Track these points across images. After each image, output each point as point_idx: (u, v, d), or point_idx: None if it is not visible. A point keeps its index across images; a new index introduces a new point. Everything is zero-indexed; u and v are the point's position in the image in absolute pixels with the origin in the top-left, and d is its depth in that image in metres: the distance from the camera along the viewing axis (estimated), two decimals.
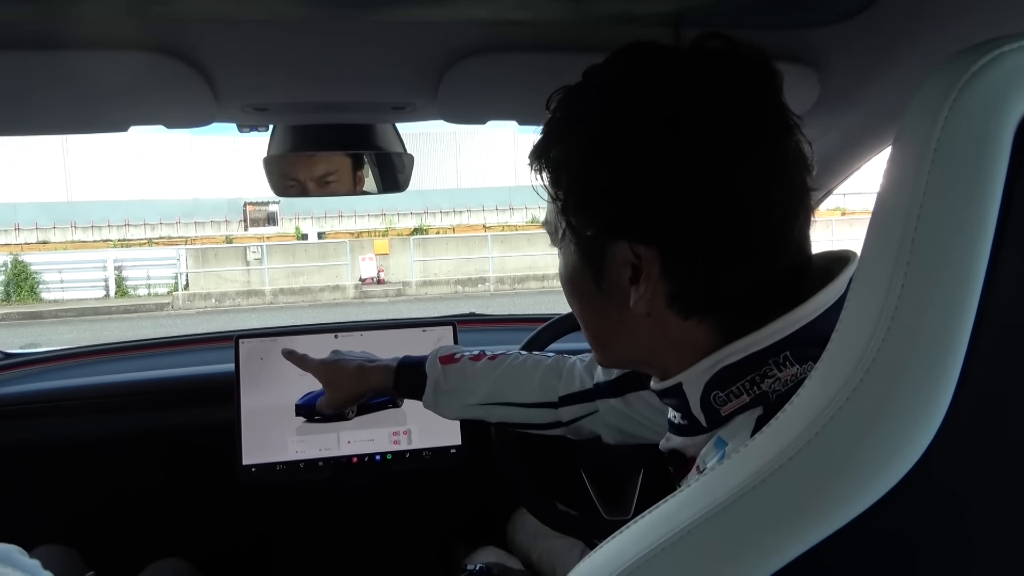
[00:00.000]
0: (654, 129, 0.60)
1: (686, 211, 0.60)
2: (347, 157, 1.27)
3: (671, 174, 0.59)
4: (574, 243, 0.68)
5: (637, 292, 0.63)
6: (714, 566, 0.45)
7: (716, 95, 0.60)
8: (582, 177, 0.64)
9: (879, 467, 0.40)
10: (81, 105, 1.01)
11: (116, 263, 18.35)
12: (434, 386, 1.08)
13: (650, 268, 0.61)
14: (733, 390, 0.62)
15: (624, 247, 0.62)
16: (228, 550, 1.66)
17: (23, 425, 1.59)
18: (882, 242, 0.42)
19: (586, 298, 0.70)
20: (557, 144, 0.67)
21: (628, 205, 0.61)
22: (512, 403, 1.07)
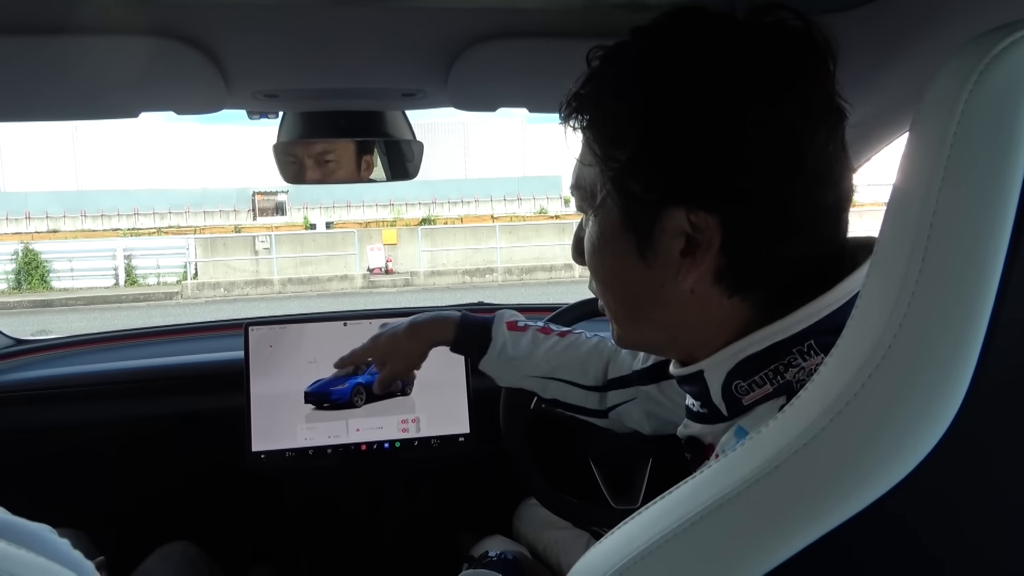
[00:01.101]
0: (729, 91, 0.57)
1: (755, 178, 0.58)
2: (357, 144, 1.26)
3: (743, 138, 0.57)
4: (619, 208, 0.63)
5: (689, 265, 0.60)
6: (728, 552, 0.44)
7: (794, 64, 0.58)
8: (644, 137, 0.60)
9: (895, 453, 0.40)
10: (91, 91, 1.01)
11: (126, 252, 18.43)
12: (500, 350, 1.08)
13: (710, 239, 0.59)
14: (756, 379, 0.61)
15: (680, 215, 0.59)
16: (237, 536, 1.67)
17: (34, 411, 1.60)
18: (899, 230, 0.42)
19: (623, 269, 0.65)
20: (611, 101, 0.63)
21: (693, 169, 0.58)
22: (570, 382, 1.06)
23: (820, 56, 0.60)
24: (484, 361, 1.10)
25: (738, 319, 0.62)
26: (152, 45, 0.88)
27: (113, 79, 0.97)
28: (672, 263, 0.61)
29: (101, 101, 1.04)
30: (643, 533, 0.48)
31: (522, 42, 0.95)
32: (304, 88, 1.09)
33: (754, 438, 0.46)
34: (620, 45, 0.64)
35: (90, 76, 0.96)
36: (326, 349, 1.52)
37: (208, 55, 0.92)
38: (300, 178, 1.24)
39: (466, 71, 1.00)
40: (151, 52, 0.90)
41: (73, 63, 0.92)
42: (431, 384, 1.54)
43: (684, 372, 0.67)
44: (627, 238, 0.63)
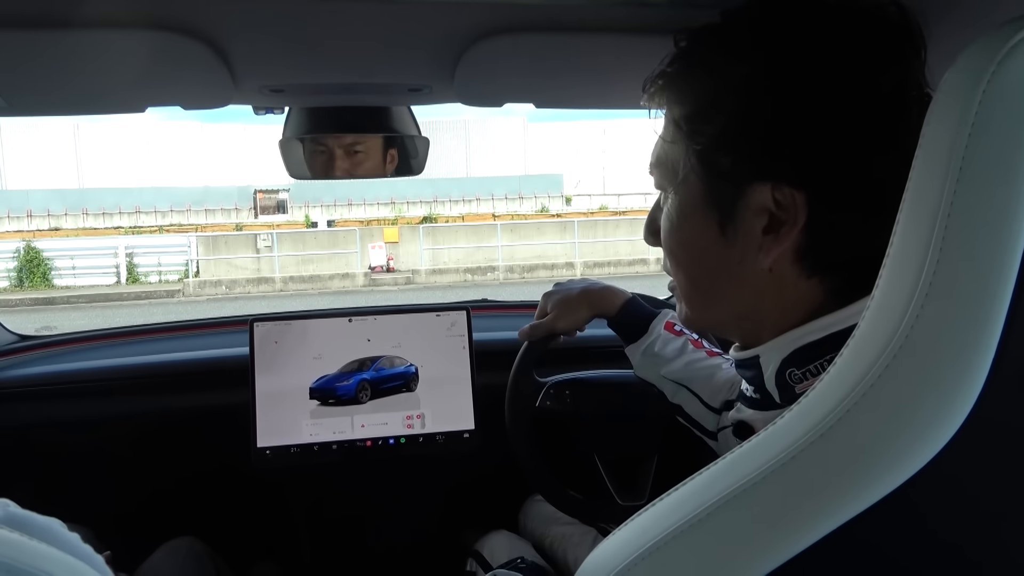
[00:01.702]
0: (824, 68, 0.58)
1: (845, 156, 0.58)
2: (363, 140, 1.26)
3: (835, 115, 0.57)
4: (702, 184, 0.64)
5: (772, 242, 0.60)
6: (746, 541, 0.44)
7: (890, 46, 0.59)
8: (734, 111, 0.61)
9: (915, 441, 0.40)
10: (99, 86, 1.01)
11: (127, 250, 18.45)
12: (649, 344, 1.12)
13: (796, 216, 0.59)
14: (811, 368, 0.61)
15: (765, 191, 0.60)
16: (241, 531, 1.67)
17: (39, 406, 1.60)
18: (916, 219, 0.42)
19: (702, 245, 0.66)
20: (702, 77, 0.64)
21: (782, 144, 0.59)
22: (697, 396, 1.09)
23: (913, 41, 0.60)
24: (631, 347, 1.15)
25: (812, 302, 0.62)
26: (159, 40, 0.88)
27: (120, 74, 0.97)
28: (754, 240, 0.62)
29: (108, 96, 1.05)
30: (659, 523, 0.48)
31: (529, 37, 0.95)
32: (310, 83, 1.08)
33: (771, 428, 0.46)
34: (709, 26, 0.64)
35: (97, 71, 0.96)
36: (331, 345, 1.52)
37: (215, 49, 0.91)
38: (308, 174, 1.24)
39: (473, 66, 0.99)
40: (158, 47, 0.90)
41: (80, 58, 0.92)
42: (436, 380, 1.54)
43: (742, 356, 0.68)
44: (708, 214, 0.64)
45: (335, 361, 1.51)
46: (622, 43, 0.94)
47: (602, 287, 1.21)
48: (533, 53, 0.98)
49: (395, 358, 1.53)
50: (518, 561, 1.32)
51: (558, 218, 22.67)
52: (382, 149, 1.28)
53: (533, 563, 1.33)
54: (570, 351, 1.53)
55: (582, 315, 1.20)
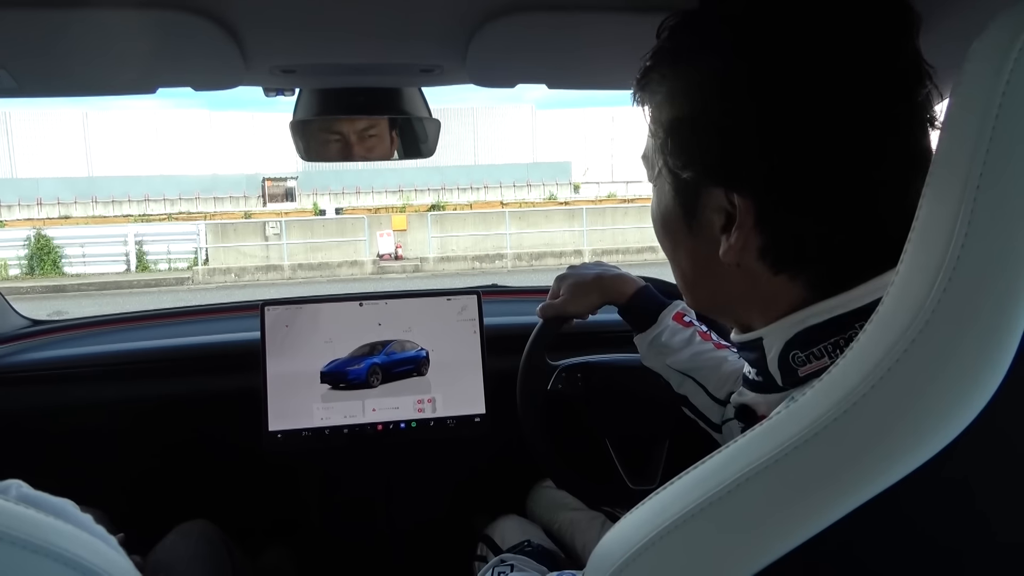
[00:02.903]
0: (775, 74, 0.56)
1: (792, 163, 0.57)
2: (374, 122, 1.26)
3: (783, 122, 0.56)
4: (669, 182, 0.66)
5: (727, 242, 0.61)
6: (764, 521, 0.44)
7: (848, 37, 0.56)
8: (684, 117, 0.62)
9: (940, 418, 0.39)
10: (108, 66, 1.00)
11: (137, 238, 18.54)
12: (657, 334, 1.13)
13: (744, 219, 0.59)
14: (814, 351, 0.61)
15: (719, 194, 0.60)
16: (253, 514, 1.68)
17: (52, 390, 1.61)
18: (943, 195, 0.41)
19: (677, 238, 0.68)
20: (662, 78, 0.64)
21: (729, 151, 0.59)
22: (703, 387, 1.09)
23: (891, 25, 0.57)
24: (640, 337, 1.15)
25: (788, 297, 0.62)
26: (170, 19, 0.87)
27: (131, 54, 0.96)
28: (715, 236, 0.62)
29: (119, 77, 1.04)
30: (675, 503, 0.48)
31: (542, 16, 0.93)
32: (321, 63, 1.07)
33: (791, 407, 0.46)
34: (684, 19, 0.64)
35: (107, 51, 0.95)
36: (342, 329, 1.52)
37: (227, 29, 0.91)
38: (319, 156, 1.24)
39: (485, 46, 0.98)
40: (169, 26, 0.89)
41: (90, 38, 0.91)
42: (447, 365, 1.54)
43: (744, 338, 0.68)
44: (678, 210, 0.66)
45: (346, 345, 1.51)
46: (636, 22, 0.93)
47: (615, 274, 1.20)
48: (546, 32, 0.97)
49: (406, 342, 1.53)
50: (525, 544, 1.32)
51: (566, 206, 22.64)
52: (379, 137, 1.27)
53: (540, 546, 1.33)
54: (582, 335, 1.52)
55: (593, 300, 1.20)
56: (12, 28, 0.87)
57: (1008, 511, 0.45)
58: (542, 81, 1.14)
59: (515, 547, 1.31)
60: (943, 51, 0.59)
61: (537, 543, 1.33)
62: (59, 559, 0.47)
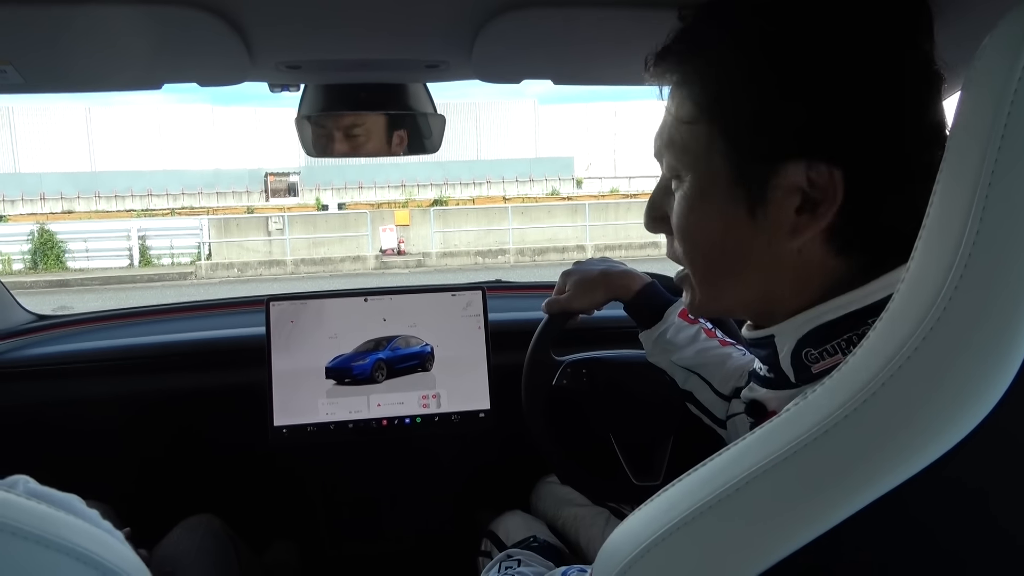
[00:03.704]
0: (856, 40, 0.56)
1: (881, 130, 0.56)
2: (379, 117, 1.25)
3: (872, 87, 0.56)
4: (731, 164, 0.61)
5: (807, 223, 0.58)
6: (774, 517, 0.44)
7: (916, 19, 0.57)
8: (764, 87, 0.58)
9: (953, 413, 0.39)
10: (115, 61, 1.00)
11: (140, 232, 18.56)
12: (662, 331, 1.13)
13: (834, 194, 0.57)
14: (827, 348, 0.60)
15: (799, 171, 0.57)
16: (258, 510, 1.69)
17: (58, 384, 1.61)
18: (955, 189, 0.41)
19: (726, 229, 0.63)
20: (725, 53, 0.61)
21: (819, 120, 0.57)
22: (708, 383, 1.09)
23: (929, 18, 0.59)
24: (645, 334, 1.16)
25: (836, 280, 0.60)
26: (176, 15, 0.87)
27: (137, 49, 0.96)
28: (785, 222, 0.59)
29: (125, 72, 1.04)
30: (684, 500, 0.48)
31: (549, 11, 0.93)
32: (327, 59, 1.07)
33: (803, 403, 0.46)
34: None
35: (114, 47, 0.95)
36: (347, 325, 1.52)
37: (232, 25, 0.91)
38: (324, 151, 1.23)
39: (491, 41, 0.98)
40: (175, 22, 0.89)
41: (97, 33, 0.91)
42: (452, 360, 1.54)
43: (756, 335, 0.67)
44: (736, 196, 0.61)
45: (351, 341, 1.52)
46: (643, 16, 0.92)
47: (621, 271, 1.20)
48: (552, 28, 0.97)
49: (411, 338, 1.53)
50: (531, 540, 1.32)
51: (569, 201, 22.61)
52: (398, 127, 1.27)
53: (546, 542, 1.33)
54: (587, 331, 1.52)
55: (598, 297, 1.20)
56: (19, 24, 0.87)
57: (1016, 511, 0.45)
58: (548, 77, 1.14)
59: (521, 542, 1.31)
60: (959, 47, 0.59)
61: (543, 539, 1.33)
62: (71, 554, 0.48)
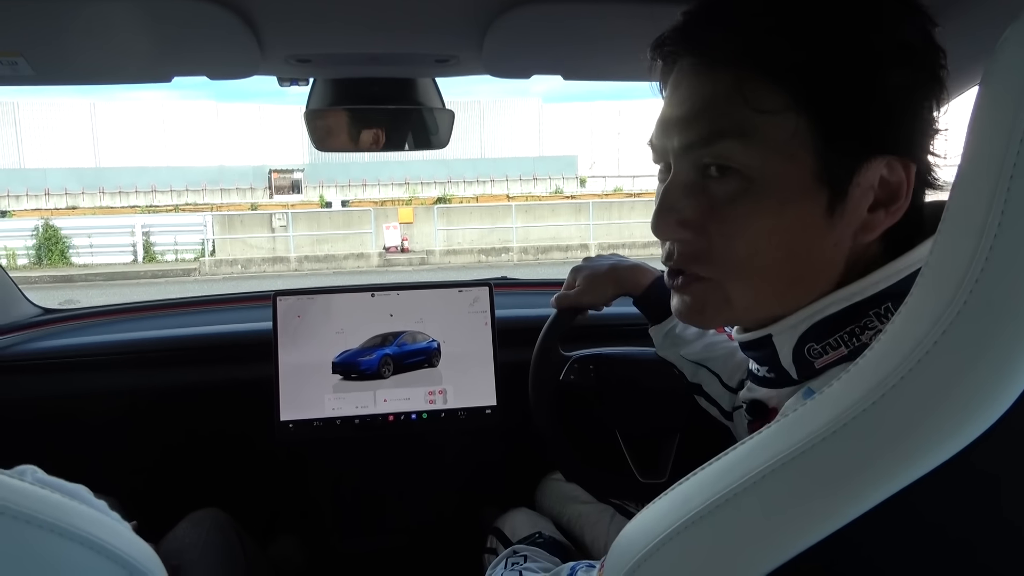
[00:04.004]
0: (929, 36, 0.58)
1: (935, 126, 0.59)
2: (388, 112, 1.25)
3: (940, 84, 0.58)
4: (818, 159, 0.58)
5: (881, 219, 0.58)
6: (788, 513, 0.44)
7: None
8: (867, 77, 0.56)
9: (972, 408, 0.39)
10: (125, 53, 1.00)
11: (144, 228, 18.57)
12: (673, 326, 1.14)
13: (907, 189, 0.57)
14: (830, 342, 0.60)
15: (879, 167, 0.57)
16: (264, 504, 1.69)
17: (64, 378, 1.61)
18: (975, 182, 0.40)
19: (798, 229, 0.59)
20: (819, 50, 0.57)
21: (903, 114, 0.58)
22: (716, 375, 1.09)
23: None
24: (655, 328, 1.16)
25: (859, 273, 0.60)
26: (188, 7, 0.88)
27: (147, 42, 0.96)
28: (857, 220, 0.58)
29: (135, 65, 1.04)
30: (698, 495, 0.48)
31: (560, 6, 0.93)
32: (337, 53, 1.07)
33: (818, 398, 0.45)
34: None
35: (124, 39, 0.95)
36: (353, 320, 1.52)
37: (243, 18, 0.91)
38: (333, 146, 1.23)
39: (502, 36, 0.98)
40: (187, 15, 0.89)
41: (107, 26, 0.92)
42: (458, 356, 1.54)
43: (750, 337, 0.66)
44: (819, 193, 0.58)
45: (358, 336, 1.51)
46: (655, 12, 0.92)
47: (630, 265, 1.20)
48: (563, 22, 0.97)
49: (417, 333, 1.53)
50: (536, 536, 1.32)
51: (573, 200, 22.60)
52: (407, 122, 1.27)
53: (551, 538, 1.33)
54: (595, 328, 1.52)
55: (608, 292, 1.20)
56: (30, 16, 0.87)
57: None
58: (558, 72, 1.14)
59: (527, 538, 1.31)
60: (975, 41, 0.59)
61: (548, 535, 1.33)
62: (85, 543, 0.48)
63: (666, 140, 0.65)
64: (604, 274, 1.20)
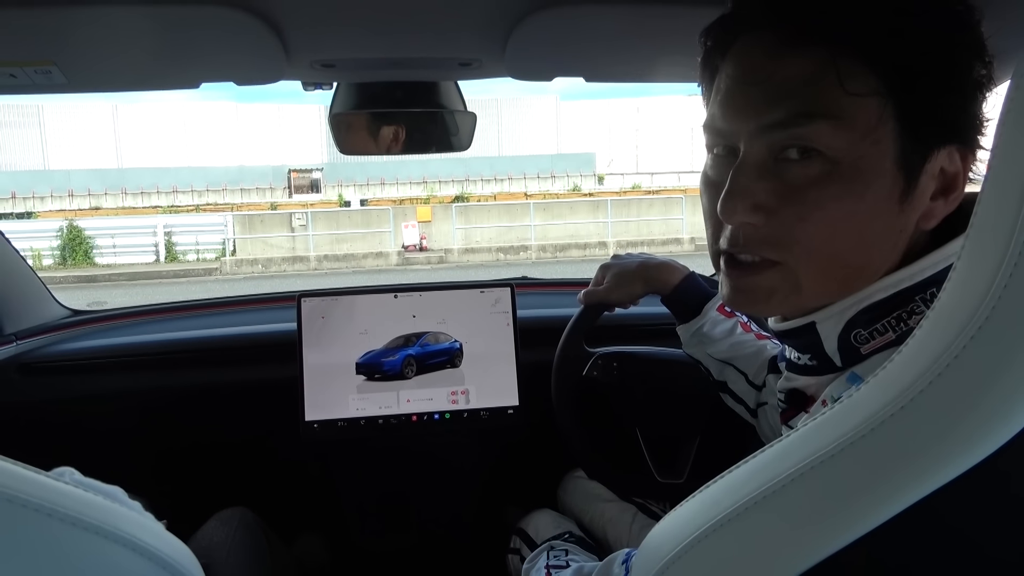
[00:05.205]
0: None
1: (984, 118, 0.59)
2: (411, 115, 1.26)
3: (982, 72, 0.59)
4: (899, 144, 0.58)
5: (942, 207, 0.60)
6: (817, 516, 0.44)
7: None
8: (947, 66, 0.57)
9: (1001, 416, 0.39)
10: (155, 61, 1.02)
11: (165, 228, 18.77)
12: (700, 325, 1.13)
13: (964, 179, 0.59)
14: (878, 327, 0.60)
15: (947, 154, 0.59)
16: (288, 503, 1.70)
17: (93, 379, 1.64)
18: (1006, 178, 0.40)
19: (874, 215, 0.59)
20: (918, 25, 0.57)
21: (969, 105, 0.59)
22: (742, 373, 1.10)
23: None
24: (683, 327, 1.17)
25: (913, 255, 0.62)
26: (216, 15, 0.89)
27: (177, 49, 0.98)
28: (921, 207, 0.60)
29: (165, 72, 1.06)
30: (728, 496, 0.48)
31: (583, 9, 0.93)
32: (362, 58, 1.08)
33: (847, 400, 0.45)
34: None
35: (154, 47, 0.97)
36: (377, 321, 1.53)
37: (270, 25, 0.92)
38: (357, 149, 1.25)
39: (525, 39, 0.99)
40: (215, 22, 0.90)
41: (138, 34, 0.93)
42: (481, 356, 1.55)
43: (791, 325, 0.66)
44: (896, 178, 0.59)
45: (381, 337, 1.53)
46: (678, 14, 0.92)
47: (659, 263, 1.20)
48: (586, 25, 0.97)
49: (440, 334, 1.54)
50: (566, 535, 1.33)
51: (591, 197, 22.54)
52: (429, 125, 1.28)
53: (581, 537, 1.34)
54: (620, 327, 1.52)
55: (636, 290, 1.20)
56: (63, 25, 0.89)
57: None
58: (580, 74, 1.14)
59: (558, 536, 1.32)
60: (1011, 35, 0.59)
61: (578, 535, 1.34)
62: (127, 544, 0.49)
63: (738, 122, 0.63)
64: (633, 272, 1.20)
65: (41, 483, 0.47)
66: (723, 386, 1.15)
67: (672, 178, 27.47)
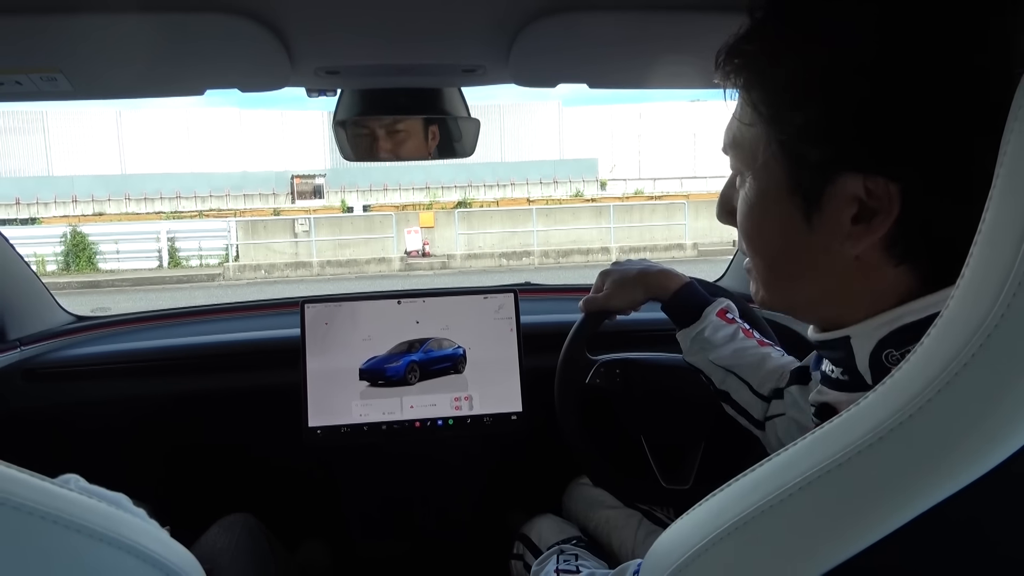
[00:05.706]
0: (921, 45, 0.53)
1: (943, 140, 0.54)
2: (415, 121, 1.27)
3: (934, 97, 0.53)
4: (786, 172, 0.61)
5: (863, 232, 0.58)
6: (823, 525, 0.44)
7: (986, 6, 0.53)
8: (823, 99, 0.56)
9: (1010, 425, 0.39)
10: (159, 68, 1.02)
11: (169, 234, 18.82)
12: (700, 330, 1.13)
13: (890, 206, 0.56)
14: (910, 349, 0.59)
15: (856, 181, 0.56)
16: (291, 509, 1.70)
17: (95, 385, 1.64)
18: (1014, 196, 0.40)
19: (782, 232, 0.63)
20: (787, 56, 0.58)
21: (877, 134, 0.55)
22: (745, 382, 1.09)
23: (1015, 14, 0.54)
24: (683, 333, 1.16)
25: (900, 289, 0.59)
26: (220, 22, 0.89)
27: (181, 57, 0.98)
28: (841, 229, 0.59)
29: (170, 79, 1.06)
30: (734, 506, 0.48)
31: (586, 15, 0.93)
32: (366, 65, 1.08)
33: (854, 409, 0.45)
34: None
35: (159, 54, 0.97)
36: (380, 327, 1.53)
37: (274, 32, 0.92)
38: (361, 155, 1.25)
39: (529, 46, 0.99)
40: (219, 30, 0.90)
41: (143, 41, 0.93)
42: (484, 362, 1.55)
43: (828, 337, 0.66)
44: (792, 202, 0.61)
45: (384, 343, 1.53)
46: (681, 20, 0.92)
47: (659, 270, 1.21)
48: (590, 32, 0.97)
49: (443, 340, 1.54)
50: (573, 540, 1.33)
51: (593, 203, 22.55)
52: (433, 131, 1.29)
53: (587, 542, 1.34)
54: (622, 333, 1.52)
55: (636, 296, 1.21)
56: (68, 33, 0.89)
57: None
58: (584, 81, 1.14)
59: (565, 541, 1.32)
60: None
61: (586, 540, 1.34)
62: (132, 551, 0.49)
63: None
64: (632, 278, 1.21)
65: (47, 490, 0.47)
66: (725, 396, 1.13)
67: (675, 183, 27.53)
